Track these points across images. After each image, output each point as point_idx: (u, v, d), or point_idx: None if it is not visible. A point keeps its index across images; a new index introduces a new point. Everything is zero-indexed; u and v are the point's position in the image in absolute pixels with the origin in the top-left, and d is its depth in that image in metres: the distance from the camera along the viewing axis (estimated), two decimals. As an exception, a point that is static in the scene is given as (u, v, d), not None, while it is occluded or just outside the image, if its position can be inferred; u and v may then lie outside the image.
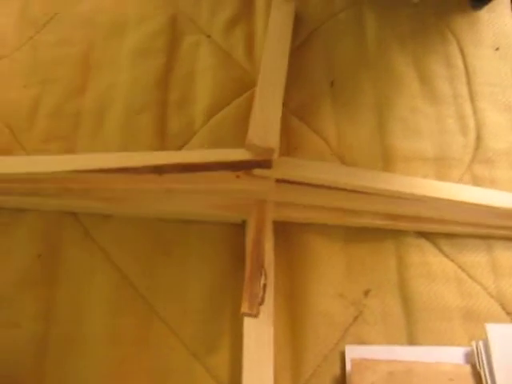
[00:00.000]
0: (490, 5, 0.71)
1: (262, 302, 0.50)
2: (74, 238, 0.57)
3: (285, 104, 0.63)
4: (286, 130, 0.62)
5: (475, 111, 0.65)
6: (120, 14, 0.70)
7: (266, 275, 0.51)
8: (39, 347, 0.52)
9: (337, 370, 0.52)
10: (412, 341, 0.53)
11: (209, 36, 0.69)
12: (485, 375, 0.50)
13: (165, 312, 0.54)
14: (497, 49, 0.69)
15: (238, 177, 0.54)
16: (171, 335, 0.53)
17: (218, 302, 0.55)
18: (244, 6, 0.71)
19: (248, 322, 0.52)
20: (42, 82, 0.65)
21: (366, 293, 0.56)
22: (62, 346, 0.52)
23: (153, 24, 0.69)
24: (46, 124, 0.63)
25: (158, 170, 0.53)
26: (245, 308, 0.49)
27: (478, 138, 0.63)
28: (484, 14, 0.71)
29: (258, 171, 0.53)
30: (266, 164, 0.52)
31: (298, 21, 0.69)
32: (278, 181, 0.55)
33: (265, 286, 0.51)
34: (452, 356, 0.52)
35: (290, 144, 0.62)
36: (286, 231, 0.57)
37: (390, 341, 0.53)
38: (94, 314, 0.54)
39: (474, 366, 0.51)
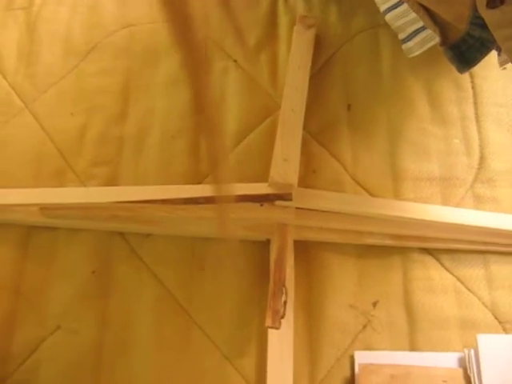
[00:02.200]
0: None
1: (283, 316, 0.59)
2: (122, 255, 0.66)
3: (306, 128, 0.70)
4: (306, 154, 0.69)
5: (480, 131, 0.70)
6: (153, 42, 0.76)
7: (286, 293, 0.59)
8: (96, 350, 0.62)
9: (347, 372, 0.61)
10: (413, 347, 0.61)
11: (235, 60, 0.75)
12: (474, 379, 0.58)
13: (201, 320, 0.63)
14: (504, 68, 0.73)
15: (262, 205, 0.61)
16: (207, 340, 0.62)
17: (246, 311, 0.63)
18: (268, 32, 0.76)
19: (272, 331, 0.61)
20: (86, 110, 0.73)
21: (375, 304, 0.64)
22: (115, 350, 0.62)
23: (184, 51, 0.75)
24: (93, 149, 0.71)
25: (192, 201, 0.61)
26: (268, 322, 0.58)
27: (482, 157, 0.69)
28: (493, 34, 0.75)
29: (279, 202, 0.61)
30: (286, 197, 0.60)
31: (318, 44, 0.74)
32: (297, 208, 0.62)
33: (285, 302, 0.59)
34: (447, 361, 0.61)
35: (309, 167, 0.68)
36: (304, 249, 0.65)
37: (394, 347, 0.62)
38: (142, 322, 0.63)
39: (465, 370, 0.59)
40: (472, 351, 0.59)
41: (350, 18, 0.76)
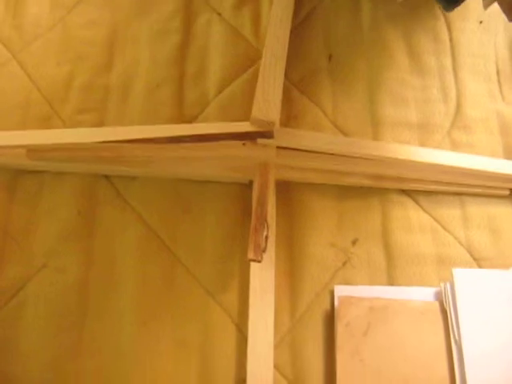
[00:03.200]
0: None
1: (264, 250, 0.60)
2: (107, 197, 0.67)
3: (287, 77, 0.72)
4: (287, 100, 0.70)
5: (457, 81, 0.72)
6: (140, -4, 0.78)
7: (268, 228, 0.61)
8: (82, 288, 0.63)
9: (327, 306, 0.62)
10: (391, 282, 0.63)
11: (219, 14, 0.76)
12: (450, 310, 0.60)
13: (185, 258, 0.64)
14: (481, 22, 0.76)
15: (244, 144, 0.63)
16: (190, 277, 0.63)
17: (229, 249, 0.65)
18: (252, -13, 0.78)
19: (254, 266, 0.62)
20: (73, 60, 0.74)
21: (354, 242, 0.65)
22: (100, 287, 0.63)
23: (169, 5, 0.77)
24: (79, 97, 0.72)
25: (176, 140, 0.62)
26: (250, 255, 0.59)
27: (458, 105, 0.71)
28: (470, -11, 0.77)
29: (261, 140, 0.62)
30: (268, 135, 0.61)
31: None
32: (278, 147, 0.64)
33: (267, 236, 0.61)
34: (424, 295, 0.62)
35: (290, 112, 0.70)
36: (286, 190, 0.67)
37: (373, 282, 0.63)
38: (126, 260, 0.64)
39: (441, 303, 0.61)
40: (448, 285, 0.61)
41: (332, -25, 0.78)
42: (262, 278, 0.63)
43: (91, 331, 0.61)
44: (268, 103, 0.61)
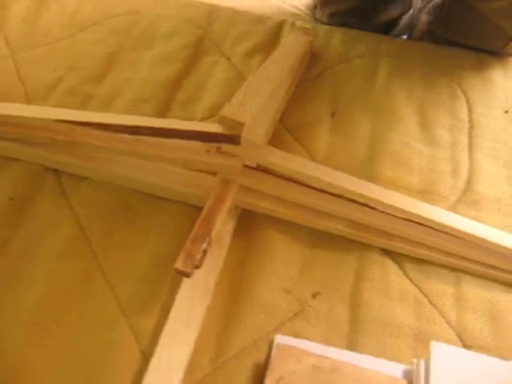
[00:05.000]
0: (506, 71, 0.72)
1: (198, 266, 0.49)
2: (49, 192, 0.59)
3: (283, 122, 0.66)
4: (277, 142, 0.63)
5: (471, 159, 0.63)
6: (152, 29, 0.77)
7: (210, 243, 0.50)
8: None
9: (262, 356, 0.48)
10: (352, 348, 0.49)
11: (229, 59, 0.73)
12: (419, 392, 0.45)
13: (109, 269, 0.53)
14: (506, 112, 0.68)
15: (208, 151, 0.55)
16: (108, 290, 0.52)
17: (163, 271, 0.53)
18: (268, 40, 0.75)
19: (183, 289, 0.51)
20: (68, 68, 0.71)
21: (315, 295, 0.53)
22: (4, 279, 0.53)
23: (180, 40, 0.75)
24: (59, 99, 0.68)
25: (135, 130, 0.55)
26: (179, 265, 0.48)
27: (469, 181, 0.61)
28: (498, 79, 0.71)
29: (227, 147, 0.54)
30: (234, 139, 0.53)
31: (315, 59, 0.73)
32: (246, 166, 0.55)
33: (205, 251, 0.50)
34: (389, 369, 0.47)
35: (277, 151, 0.62)
36: (250, 221, 0.57)
37: (329, 344, 0.49)
38: (44, 257, 0.54)
39: (410, 383, 0.46)
40: (422, 362, 0.47)
41: (352, 45, 0.75)
42: (189, 305, 0.50)
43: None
44: (243, 107, 0.54)
